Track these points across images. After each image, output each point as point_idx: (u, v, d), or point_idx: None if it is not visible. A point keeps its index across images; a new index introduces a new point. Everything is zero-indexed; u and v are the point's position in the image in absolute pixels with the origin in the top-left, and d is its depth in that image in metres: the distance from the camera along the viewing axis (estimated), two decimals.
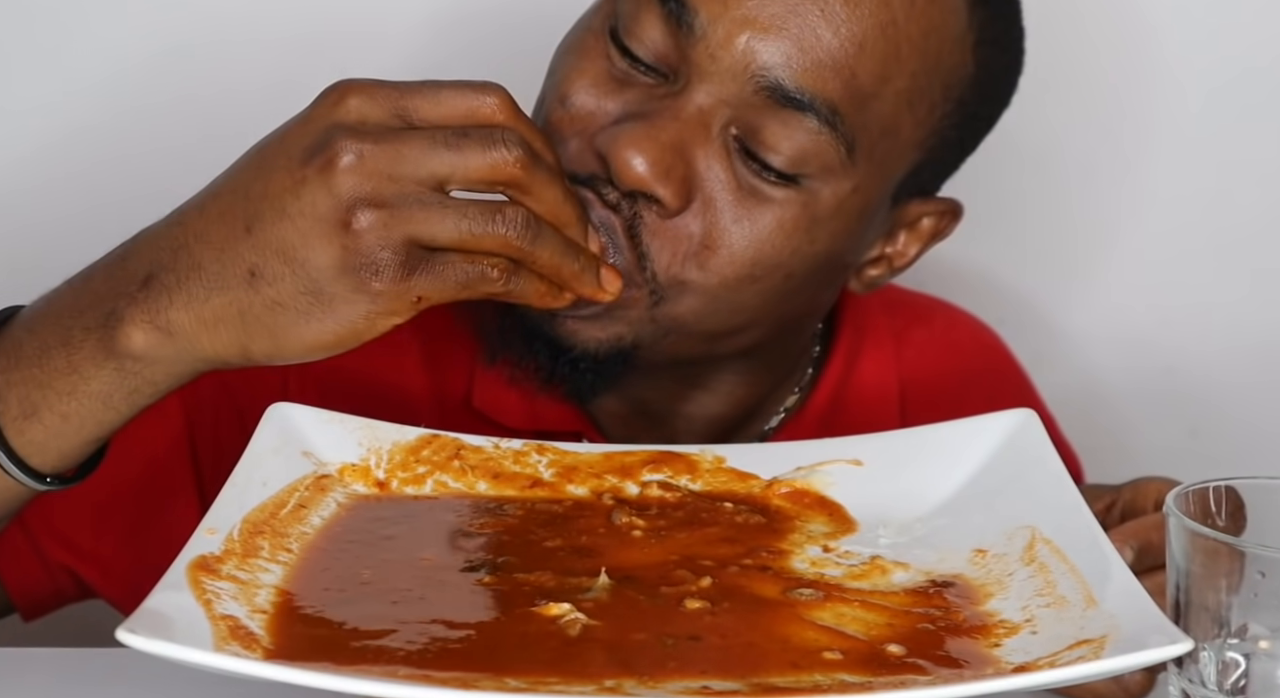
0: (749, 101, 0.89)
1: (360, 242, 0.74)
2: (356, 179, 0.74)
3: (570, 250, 0.79)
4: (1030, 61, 1.06)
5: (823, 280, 0.97)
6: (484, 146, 0.75)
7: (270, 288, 0.76)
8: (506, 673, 0.66)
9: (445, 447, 0.88)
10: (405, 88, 0.77)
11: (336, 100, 0.76)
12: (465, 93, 0.77)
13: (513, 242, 0.76)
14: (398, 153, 0.74)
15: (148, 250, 0.79)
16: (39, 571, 0.99)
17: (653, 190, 0.88)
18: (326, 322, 0.76)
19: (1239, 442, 1.50)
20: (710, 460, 0.90)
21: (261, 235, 0.75)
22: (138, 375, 0.79)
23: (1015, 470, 0.85)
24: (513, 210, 0.76)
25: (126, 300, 0.78)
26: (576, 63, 0.93)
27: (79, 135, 1.38)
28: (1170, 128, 1.47)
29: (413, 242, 0.74)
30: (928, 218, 1.02)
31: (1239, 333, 1.50)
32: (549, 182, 0.78)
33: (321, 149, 0.74)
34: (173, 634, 0.64)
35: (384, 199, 0.74)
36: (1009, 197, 1.49)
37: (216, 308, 0.77)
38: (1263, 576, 0.69)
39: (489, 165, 0.76)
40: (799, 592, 0.76)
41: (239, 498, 0.78)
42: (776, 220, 0.90)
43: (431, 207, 0.74)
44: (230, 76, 1.39)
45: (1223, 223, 1.49)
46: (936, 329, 1.18)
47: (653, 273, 0.91)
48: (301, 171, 0.75)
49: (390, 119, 0.76)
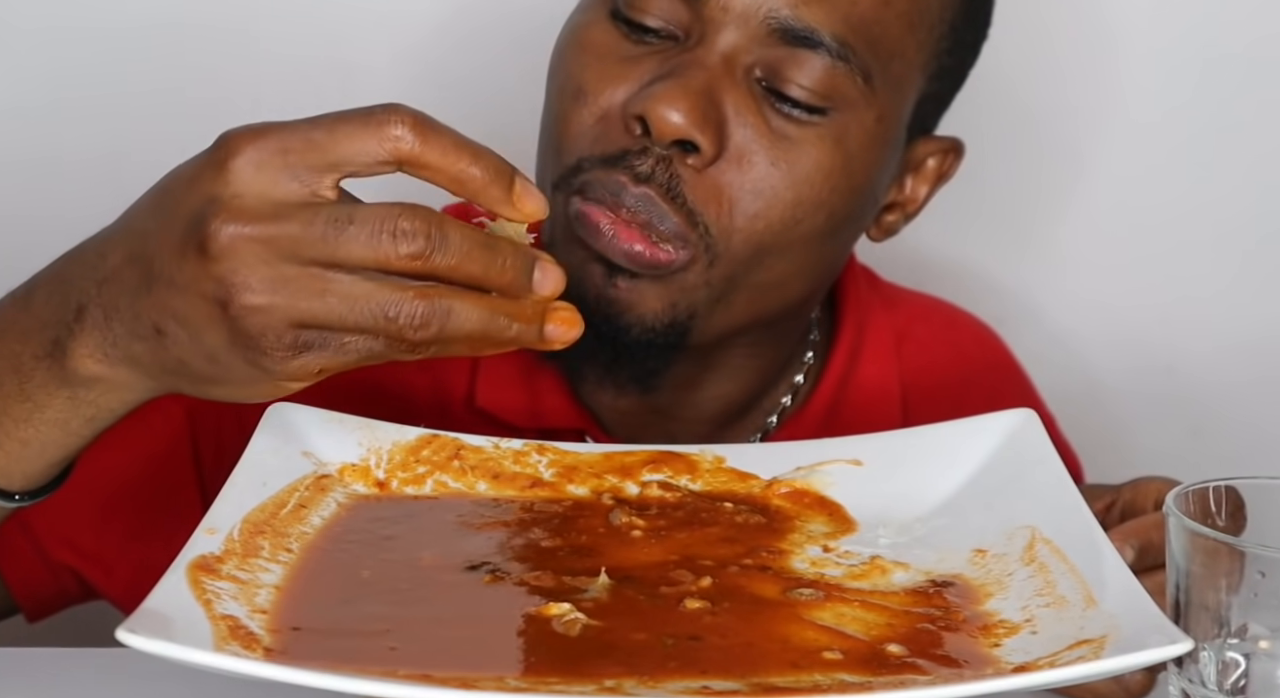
0: (765, 43, 0.92)
1: (242, 325, 0.68)
2: (232, 265, 0.67)
3: (494, 311, 0.70)
4: (1031, 61, 1.06)
5: (856, 221, 1.00)
6: (369, 237, 0.67)
7: (175, 348, 0.71)
8: (506, 673, 0.66)
9: (445, 447, 0.88)
10: (292, 137, 0.68)
11: (220, 163, 0.68)
12: (364, 127, 0.68)
13: (413, 336, 0.68)
14: (272, 237, 0.67)
15: (79, 275, 0.76)
16: (42, 571, 0.99)
17: (691, 136, 0.91)
18: (233, 385, 0.72)
19: (1239, 442, 1.50)
20: (710, 460, 0.90)
21: (159, 297, 0.71)
22: (92, 404, 0.77)
23: (1015, 470, 0.85)
24: (411, 303, 0.68)
25: (66, 331, 0.75)
26: (583, 56, 0.95)
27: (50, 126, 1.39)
28: (1171, 127, 1.47)
29: (299, 325, 0.68)
30: (932, 158, 1.05)
31: (1239, 332, 1.50)
32: (462, 253, 0.68)
33: (199, 225, 0.68)
34: (173, 634, 0.64)
35: (261, 285, 0.68)
36: (1009, 197, 1.50)
37: (138, 352, 0.73)
38: (1263, 576, 0.69)
39: (375, 259, 0.68)
40: (799, 592, 0.76)
41: (239, 498, 0.78)
42: (814, 161, 0.93)
43: (315, 294, 0.68)
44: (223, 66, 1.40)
45: (1224, 222, 1.49)
46: (937, 327, 1.18)
47: (705, 227, 0.93)
48: (183, 246, 0.69)
49: (279, 184, 0.68)
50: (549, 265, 0.71)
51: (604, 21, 0.96)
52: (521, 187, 0.71)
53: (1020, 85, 1.47)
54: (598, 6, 0.97)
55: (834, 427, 1.06)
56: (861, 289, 1.12)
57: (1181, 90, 1.46)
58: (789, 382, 1.09)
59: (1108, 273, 1.51)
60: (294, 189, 0.68)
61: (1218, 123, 1.47)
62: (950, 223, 1.48)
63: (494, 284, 0.70)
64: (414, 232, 0.67)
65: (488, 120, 1.41)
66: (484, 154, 0.70)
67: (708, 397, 1.04)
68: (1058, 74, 1.47)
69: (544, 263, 0.71)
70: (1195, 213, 1.49)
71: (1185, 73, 1.46)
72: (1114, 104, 1.47)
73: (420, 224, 0.68)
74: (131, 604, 0.66)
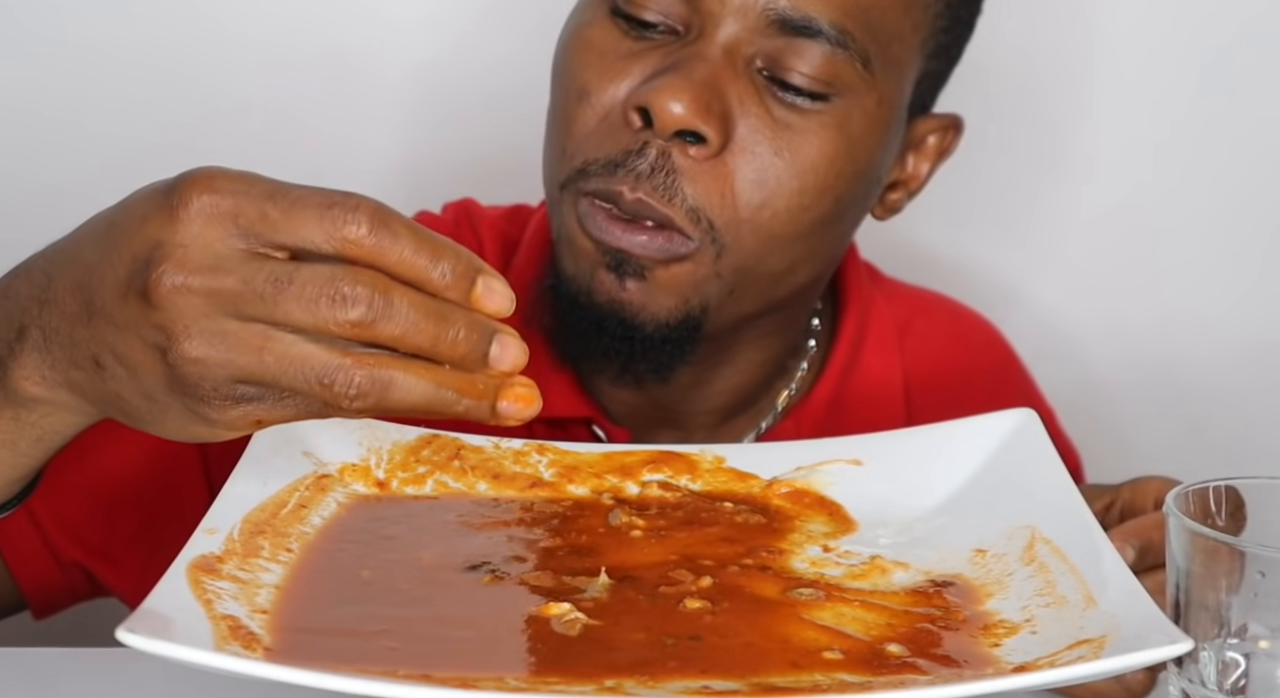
0: (764, 34, 0.93)
1: (180, 373, 0.66)
2: (172, 314, 0.65)
3: (440, 385, 0.66)
4: (1030, 63, 1.07)
5: (861, 204, 1.01)
6: (308, 301, 0.64)
7: (113, 382, 0.69)
8: (506, 673, 0.66)
9: (445, 447, 0.88)
10: (246, 201, 0.65)
11: (175, 207, 0.66)
12: (319, 219, 0.65)
13: (353, 405, 0.65)
14: (215, 291, 0.65)
15: (23, 292, 0.74)
16: (52, 567, 1.00)
17: (695, 127, 0.92)
18: (171, 424, 0.69)
19: (1239, 442, 1.50)
20: (710, 460, 0.90)
21: (98, 331, 0.69)
22: (37, 425, 0.75)
23: (1015, 470, 0.85)
24: (350, 370, 0.65)
25: (8, 350, 0.73)
26: (584, 56, 0.96)
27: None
28: (1171, 128, 1.47)
29: (236, 379, 0.66)
30: (932, 135, 1.06)
31: (1239, 332, 1.50)
32: (410, 325, 0.65)
33: (143, 270, 0.66)
34: (173, 634, 0.64)
35: (202, 338, 0.65)
36: (1010, 197, 1.50)
37: (76, 379, 0.71)
38: (1263, 575, 0.69)
39: (313, 323, 0.65)
40: (799, 592, 0.76)
41: (239, 498, 0.78)
42: (817, 148, 0.94)
43: (253, 351, 0.65)
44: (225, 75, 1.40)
45: (1224, 222, 1.49)
46: (939, 319, 1.18)
47: (709, 221, 0.94)
48: (126, 288, 0.67)
49: (225, 239, 0.65)
50: (509, 339, 0.67)
51: (604, 19, 0.97)
52: (484, 287, 0.66)
53: (1022, 86, 1.47)
54: (597, 4, 0.97)
55: (837, 417, 1.07)
56: (864, 283, 1.12)
57: (1181, 91, 1.46)
58: (793, 371, 1.10)
59: (1108, 272, 1.51)
60: (240, 247, 0.66)
61: (1219, 122, 1.47)
62: (952, 221, 1.49)
63: (444, 357, 0.66)
64: (355, 297, 0.64)
65: (488, 119, 1.42)
66: (445, 253, 0.65)
67: (717, 389, 1.04)
68: (1059, 74, 1.47)
69: (503, 337, 0.67)
70: (1196, 213, 1.49)
71: (1185, 72, 1.46)
72: (1118, 104, 1.47)
73: (363, 290, 0.64)
74: (140, 600, 0.66)
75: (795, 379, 1.10)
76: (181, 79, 1.39)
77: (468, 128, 1.43)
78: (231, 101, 1.39)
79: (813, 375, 1.10)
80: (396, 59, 1.42)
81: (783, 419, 1.09)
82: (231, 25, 1.40)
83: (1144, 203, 1.49)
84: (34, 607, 1.01)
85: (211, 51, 1.40)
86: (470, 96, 1.43)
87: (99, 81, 1.39)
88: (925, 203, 1.47)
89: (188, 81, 1.39)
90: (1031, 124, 1.48)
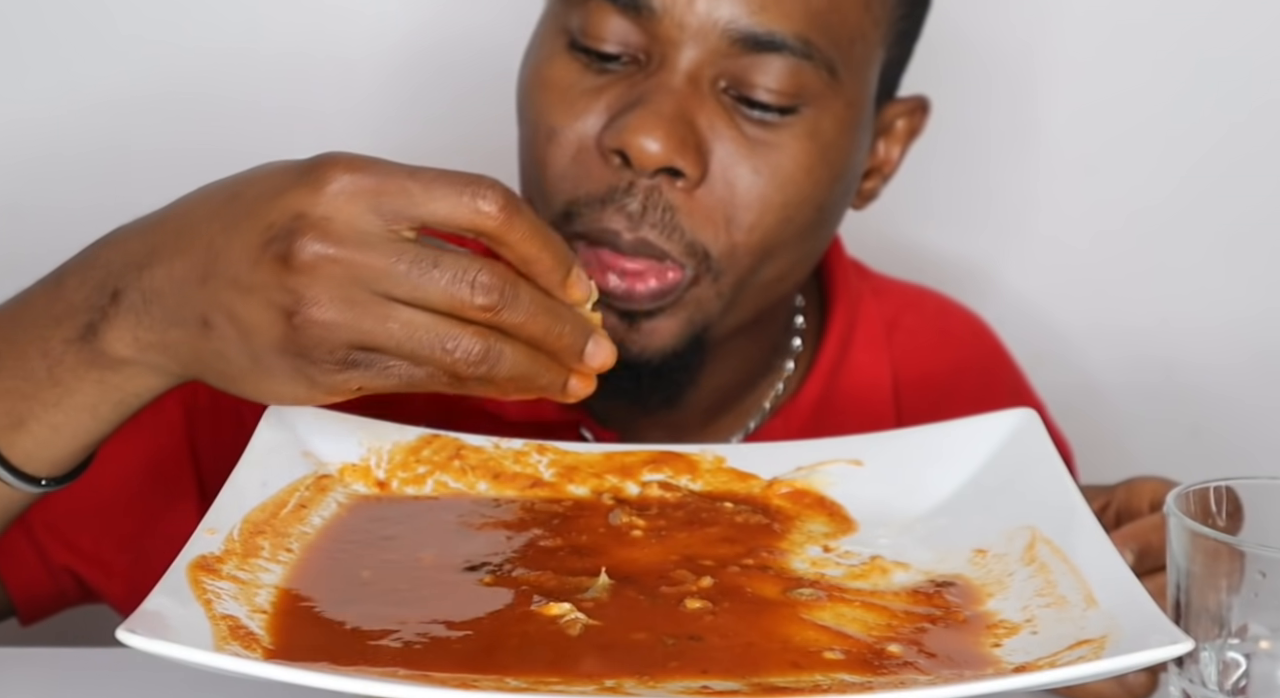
0: (727, 54, 0.92)
1: (301, 336, 0.72)
2: (308, 280, 0.71)
3: (535, 363, 0.75)
4: (1030, 63, 1.06)
5: (841, 203, 1.01)
6: (449, 284, 0.71)
7: (219, 341, 0.74)
8: (506, 673, 0.66)
9: (445, 447, 0.88)
10: (389, 180, 0.72)
11: (316, 184, 0.72)
12: (455, 196, 0.72)
13: (462, 370, 0.73)
14: (355, 263, 0.71)
15: (117, 260, 0.78)
16: (41, 572, 0.99)
17: (674, 164, 0.91)
18: (267, 385, 0.75)
19: (1239, 442, 1.50)
20: (710, 460, 0.90)
21: (215, 293, 0.74)
22: (120, 388, 0.79)
23: (1015, 470, 0.85)
24: (469, 340, 0.72)
25: (100, 315, 0.78)
26: (548, 95, 0.95)
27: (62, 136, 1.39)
28: (1170, 128, 1.47)
29: (355, 345, 0.72)
30: (900, 119, 1.06)
31: (1239, 332, 1.50)
32: (529, 315, 0.73)
33: (282, 238, 0.72)
34: (173, 634, 0.64)
35: (332, 303, 0.71)
36: (1010, 197, 1.50)
37: (175, 338, 0.76)
38: (1263, 576, 0.69)
39: (449, 303, 0.72)
40: (799, 592, 0.76)
41: (239, 498, 0.78)
42: (793, 159, 0.94)
43: (379, 319, 0.72)
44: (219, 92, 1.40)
45: (1224, 222, 1.49)
46: (928, 315, 1.18)
47: (705, 252, 0.94)
48: (259, 252, 0.72)
49: (365, 216, 0.72)
50: (603, 341, 0.77)
51: (562, 54, 0.95)
52: (576, 276, 0.75)
53: (1022, 87, 1.47)
54: (554, 40, 0.96)
55: (826, 414, 1.07)
56: (851, 279, 1.12)
57: (1182, 91, 1.46)
58: (780, 370, 1.10)
59: (1108, 272, 1.51)
60: (378, 225, 0.72)
61: (1219, 122, 1.47)
62: (950, 221, 1.49)
63: (549, 348, 0.74)
64: (490, 286, 0.72)
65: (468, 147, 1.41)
66: (553, 241, 0.74)
67: (703, 390, 1.04)
68: (1060, 74, 1.47)
69: (598, 338, 0.76)
70: (1195, 213, 1.49)
71: (1185, 72, 1.46)
72: (1117, 105, 1.47)
73: (497, 280, 0.72)
74: (130, 606, 0.66)
75: (783, 378, 1.10)
76: (177, 78, 1.40)
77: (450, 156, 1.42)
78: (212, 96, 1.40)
79: (800, 374, 1.10)
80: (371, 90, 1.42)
81: (771, 418, 1.08)
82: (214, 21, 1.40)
83: (1145, 204, 1.49)
84: (21, 612, 1.01)
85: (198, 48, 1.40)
86: (448, 125, 1.42)
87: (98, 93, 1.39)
88: (925, 203, 1.47)
89: (183, 81, 1.40)
90: (1035, 126, 1.48)
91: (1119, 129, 1.47)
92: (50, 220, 1.36)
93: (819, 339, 1.11)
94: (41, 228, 1.36)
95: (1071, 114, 1.47)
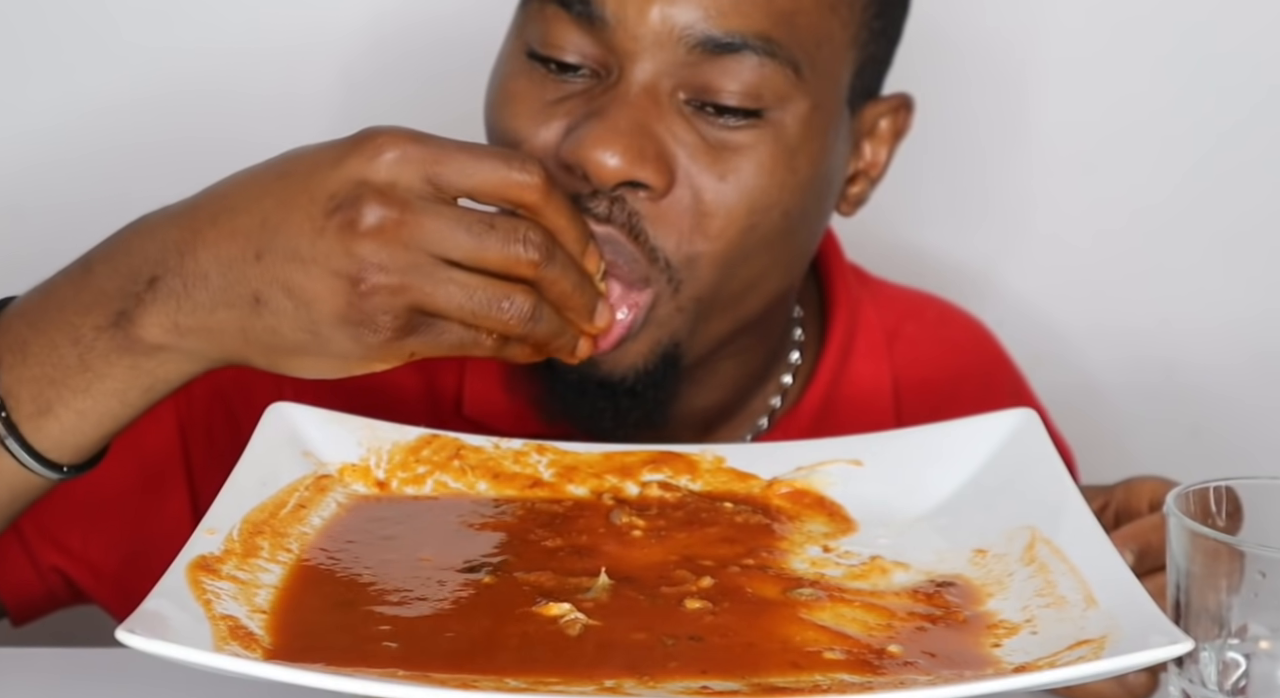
0: (685, 62, 0.90)
1: (366, 302, 0.76)
2: (375, 245, 0.75)
3: (560, 324, 0.82)
4: (1024, 65, 1.06)
5: (815, 210, 0.98)
6: (504, 241, 0.78)
7: (272, 317, 0.78)
8: (506, 673, 0.66)
9: (445, 447, 0.88)
10: (442, 151, 0.77)
11: (372, 153, 0.76)
12: (503, 168, 0.78)
13: (513, 327, 0.79)
14: (420, 226, 0.76)
15: (152, 247, 0.80)
16: (31, 573, 0.99)
17: (635, 177, 0.89)
18: (319, 357, 0.78)
19: (1239, 442, 1.50)
20: (710, 460, 0.90)
21: (271, 268, 0.77)
22: (151, 374, 0.81)
23: (1015, 470, 0.85)
24: (521, 298, 0.78)
25: (134, 301, 0.79)
26: (511, 106, 0.94)
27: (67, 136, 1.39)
28: (1169, 127, 1.47)
29: (416, 309, 0.77)
30: (884, 119, 1.03)
31: (1239, 333, 1.50)
32: (562, 273, 0.80)
33: (347, 205, 0.76)
34: (172, 634, 0.64)
35: (397, 267, 0.76)
36: (1009, 197, 1.50)
37: (221, 320, 0.78)
38: (1263, 576, 0.69)
39: (504, 260, 0.78)
40: (799, 592, 0.76)
41: (239, 498, 0.78)
42: (756, 164, 0.92)
43: (440, 282, 0.77)
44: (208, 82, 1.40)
45: (1224, 222, 1.49)
46: (928, 323, 1.18)
47: (665, 260, 0.91)
48: (323, 222, 0.76)
49: (420, 184, 0.77)
50: (604, 305, 0.85)
51: (524, 66, 0.94)
52: (592, 248, 0.84)
53: (1021, 87, 1.47)
54: (516, 53, 0.95)
55: (826, 426, 1.05)
56: (851, 287, 1.11)
57: (1181, 90, 1.46)
58: (776, 383, 1.08)
59: (1107, 273, 1.51)
60: (431, 192, 0.77)
61: (1219, 121, 1.47)
62: (950, 223, 1.49)
63: (572, 305, 0.82)
64: (540, 243, 0.78)
65: None
66: (578, 216, 0.82)
67: (697, 404, 1.03)
68: (1059, 74, 1.47)
69: (603, 303, 0.85)
70: (1195, 213, 1.49)
71: (1185, 71, 1.46)
72: (1116, 104, 1.47)
73: (542, 239, 0.79)
74: (119, 606, 0.66)
75: (780, 392, 1.09)
76: (178, 78, 1.40)
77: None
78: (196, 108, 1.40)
79: (800, 385, 1.09)
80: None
81: (769, 431, 1.07)
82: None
83: (1144, 204, 1.49)
84: (12, 613, 1.01)
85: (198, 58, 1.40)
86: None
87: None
88: (925, 204, 1.47)
89: (183, 80, 1.40)
90: (1036, 127, 1.48)
91: (1118, 128, 1.47)
92: (52, 221, 1.36)
93: (819, 348, 1.10)
94: (44, 229, 1.36)
95: (1070, 113, 1.47)
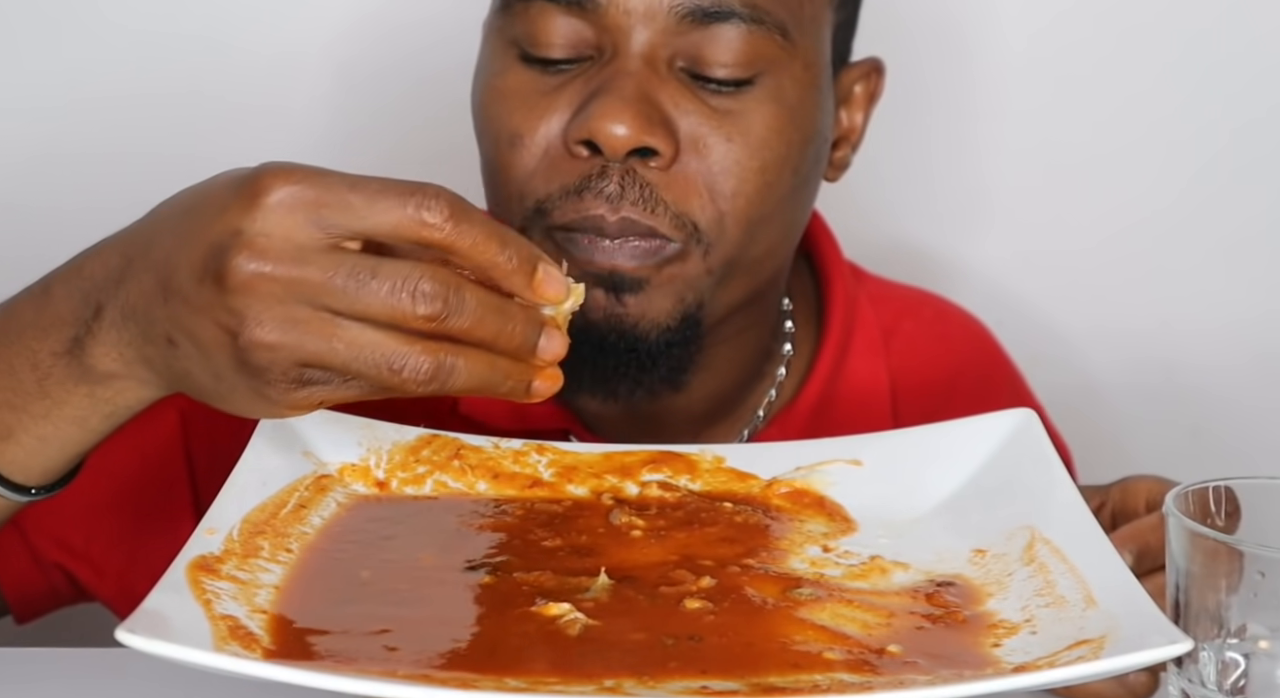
0: (677, 32, 0.93)
1: (249, 356, 0.70)
2: (246, 300, 0.69)
3: (493, 369, 0.71)
4: (1028, 70, 1.06)
5: (816, 168, 1.01)
6: (389, 293, 0.68)
7: (185, 359, 0.73)
8: (506, 673, 0.66)
9: (445, 447, 0.88)
10: (329, 192, 0.69)
11: (251, 199, 0.69)
12: (398, 207, 0.69)
13: (412, 389, 0.70)
14: (293, 280, 0.69)
15: (99, 273, 0.77)
16: (33, 570, 0.99)
17: (645, 143, 0.91)
18: (234, 401, 0.73)
19: (1239, 443, 1.50)
20: (710, 460, 0.90)
21: (173, 311, 0.72)
22: (110, 402, 0.78)
23: (1015, 470, 0.85)
24: (417, 358, 0.69)
25: (85, 329, 0.77)
26: (507, 103, 0.95)
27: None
28: (1172, 132, 1.47)
29: (304, 364, 0.70)
30: (858, 84, 1.06)
31: (1239, 333, 1.50)
32: (475, 320, 0.70)
33: (219, 256, 0.69)
34: (172, 634, 0.64)
35: (273, 321, 0.69)
36: (1009, 198, 1.50)
37: (149, 356, 0.75)
38: (1262, 576, 0.69)
39: (390, 313, 0.69)
40: (799, 592, 0.76)
41: (239, 498, 0.78)
42: (762, 124, 0.94)
43: (325, 338, 0.69)
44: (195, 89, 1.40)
45: (1224, 223, 1.49)
46: (925, 321, 1.18)
47: (693, 223, 0.93)
48: (202, 270, 0.70)
49: (308, 229, 0.69)
50: (554, 333, 0.73)
51: (515, 65, 0.95)
52: (544, 273, 0.72)
53: (1023, 91, 1.47)
54: (505, 55, 0.96)
55: (823, 422, 1.06)
56: (848, 284, 1.11)
57: (1184, 95, 1.46)
58: (770, 376, 1.09)
59: (1108, 275, 1.51)
60: (318, 237, 0.69)
61: (1222, 126, 1.47)
62: (948, 223, 1.49)
63: (501, 349, 0.71)
64: (433, 294, 0.69)
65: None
66: (511, 241, 0.71)
67: (695, 396, 1.03)
68: (1060, 76, 1.47)
69: (550, 330, 0.73)
70: (1196, 216, 1.49)
71: (1188, 76, 1.46)
72: (1119, 109, 1.47)
73: (439, 287, 0.69)
74: (122, 604, 0.66)
75: (775, 383, 1.09)
76: (175, 76, 1.40)
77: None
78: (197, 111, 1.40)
79: (795, 381, 1.09)
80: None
81: (766, 426, 1.08)
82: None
83: (1144, 204, 1.49)
84: (15, 610, 1.01)
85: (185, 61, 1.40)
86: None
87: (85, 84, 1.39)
88: (925, 205, 1.47)
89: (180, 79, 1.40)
90: (1035, 128, 1.48)
91: (1121, 132, 1.47)
92: (47, 219, 1.36)
93: (816, 344, 1.10)
94: (39, 226, 1.36)
95: (1072, 117, 1.47)
